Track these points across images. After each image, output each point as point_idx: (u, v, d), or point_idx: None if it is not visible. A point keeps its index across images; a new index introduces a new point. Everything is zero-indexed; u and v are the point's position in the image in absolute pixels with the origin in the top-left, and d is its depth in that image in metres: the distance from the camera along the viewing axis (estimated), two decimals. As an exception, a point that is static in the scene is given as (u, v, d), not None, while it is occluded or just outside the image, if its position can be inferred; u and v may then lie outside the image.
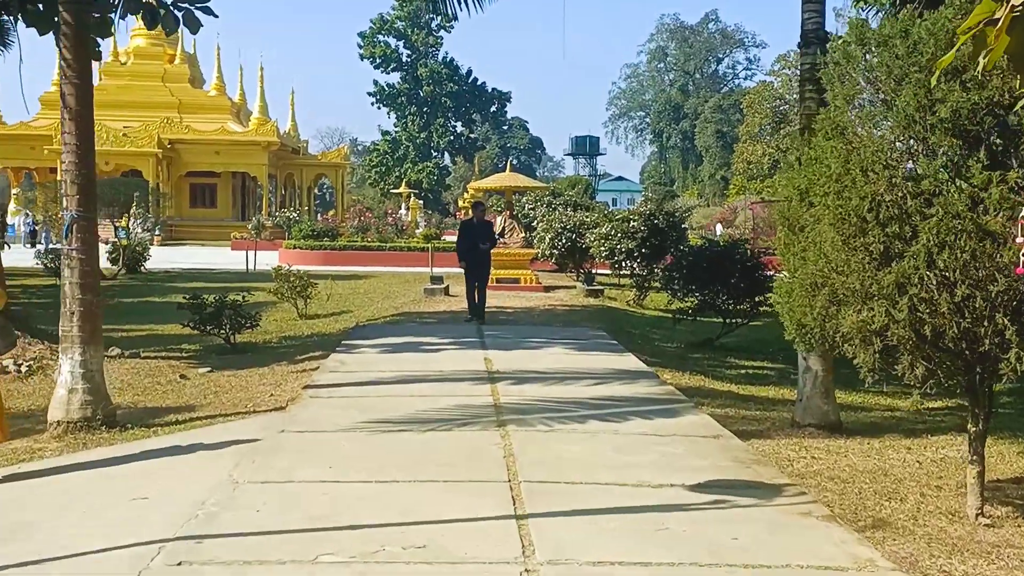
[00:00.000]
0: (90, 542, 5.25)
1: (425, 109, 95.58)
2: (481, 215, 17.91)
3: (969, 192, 5.52)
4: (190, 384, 11.50)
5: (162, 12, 11.34)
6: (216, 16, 11.71)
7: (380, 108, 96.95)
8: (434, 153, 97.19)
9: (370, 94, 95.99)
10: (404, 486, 6.25)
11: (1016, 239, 5.06)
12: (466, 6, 13.45)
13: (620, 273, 23.40)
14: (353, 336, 14.02)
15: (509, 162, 32.10)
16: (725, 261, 14.94)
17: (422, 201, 64.22)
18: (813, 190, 6.19)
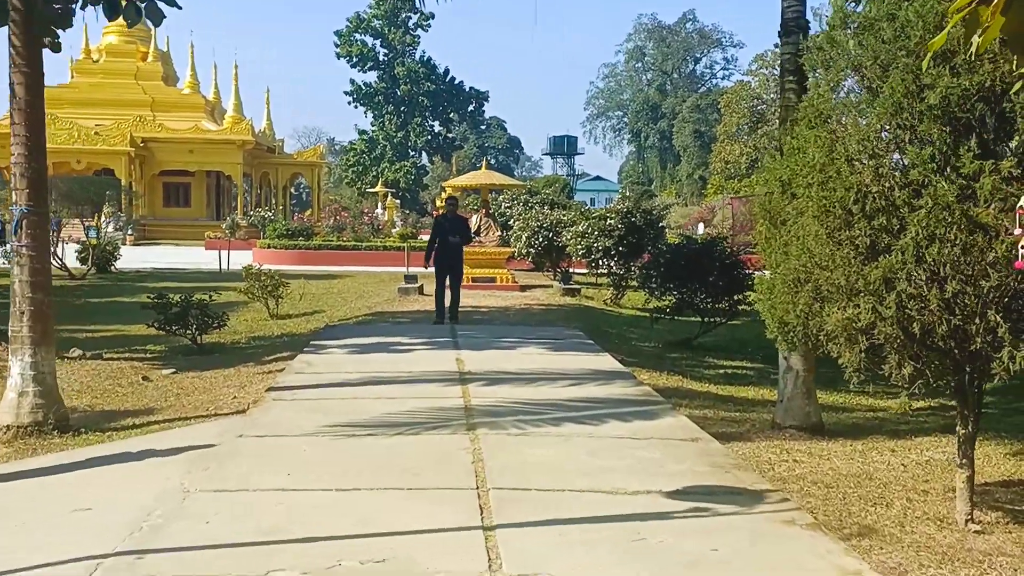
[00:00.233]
0: (22, 558, 4.87)
1: (402, 108, 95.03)
2: (454, 210, 17.37)
3: (959, 182, 5.24)
4: (152, 386, 11.15)
5: (123, 3, 10.98)
6: (179, 7, 11.37)
7: (357, 107, 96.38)
8: (411, 152, 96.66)
9: (347, 93, 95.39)
10: (366, 494, 5.89)
11: (1014, 231, 4.77)
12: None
13: (597, 272, 23.10)
14: (322, 336, 13.65)
15: (485, 160, 31.76)
16: (703, 259, 14.65)
17: (399, 201, 63.72)
18: (796, 181, 5.89)
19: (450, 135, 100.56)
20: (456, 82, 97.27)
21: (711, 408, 9.81)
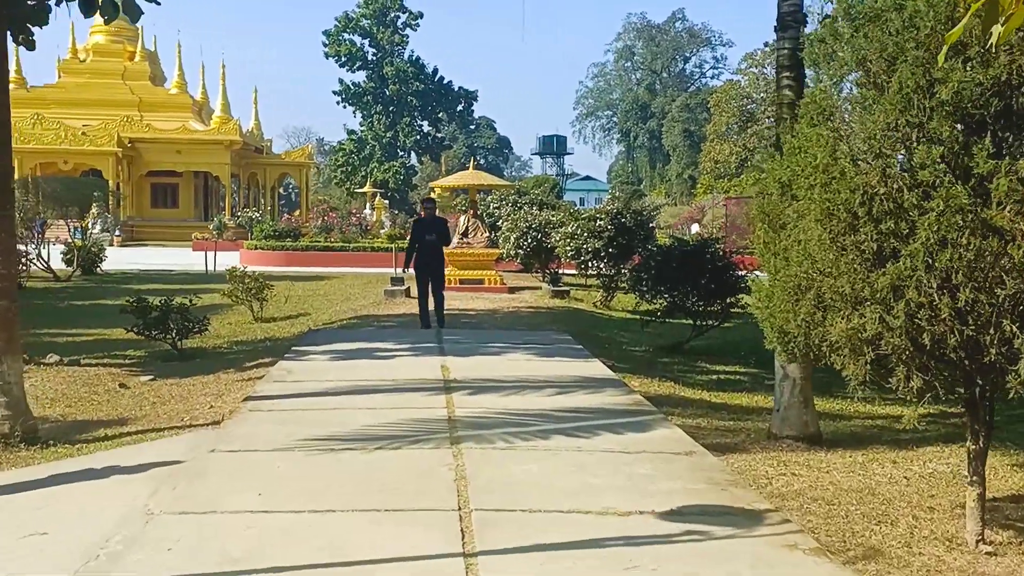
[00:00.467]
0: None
1: (391, 108, 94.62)
2: (432, 212, 16.63)
3: (972, 183, 4.92)
4: (129, 394, 10.79)
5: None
6: (158, 3, 11.02)
7: (346, 107, 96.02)
8: (400, 152, 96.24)
9: (335, 93, 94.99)
10: (341, 517, 5.51)
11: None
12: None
13: (587, 273, 22.76)
14: (304, 342, 13.28)
15: (473, 160, 31.43)
16: (695, 261, 14.32)
17: (388, 201, 63.29)
18: (797, 182, 5.55)
19: (439, 135, 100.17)
20: (445, 82, 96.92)
21: (704, 417, 9.49)
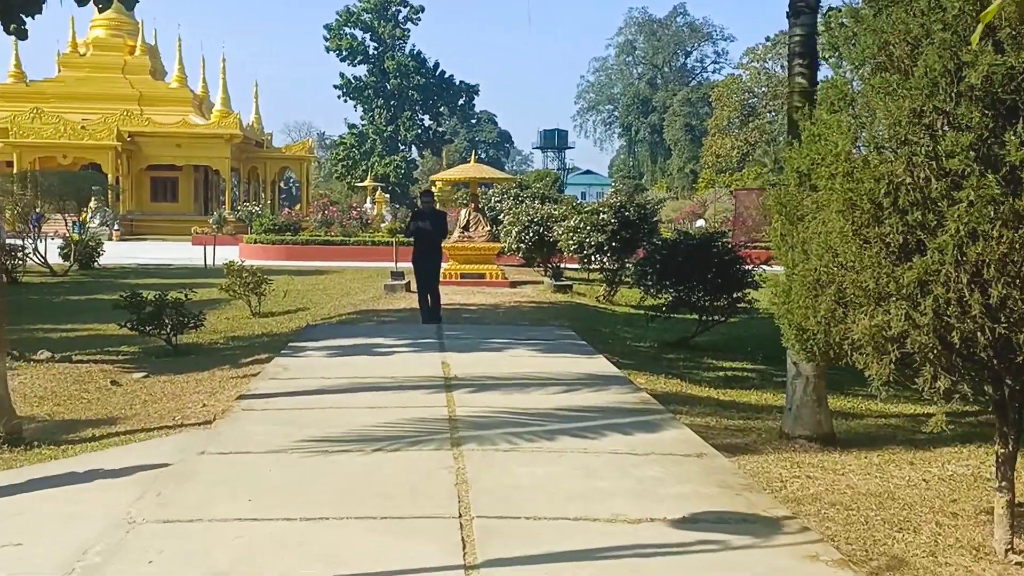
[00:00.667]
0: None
1: (392, 102, 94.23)
2: (431, 204, 16.17)
3: (1004, 173, 4.62)
4: (120, 392, 10.52)
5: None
6: (151, -10, 10.75)
7: (347, 101, 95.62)
8: (401, 146, 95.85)
9: (336, 87, 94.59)
10: (335, 526, 5.20)
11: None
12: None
13: (589, 268, 22.45)
14: (302, 337, 12.98)
15: (474, 153, 31.12)
16: (701, 255, 14.02)
17: (388, 195, 62.98)
18: (816, 172, 5.25)
19: (440, 129, 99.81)
20: (446, 76, 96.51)
21: (713, 416, 9.19)
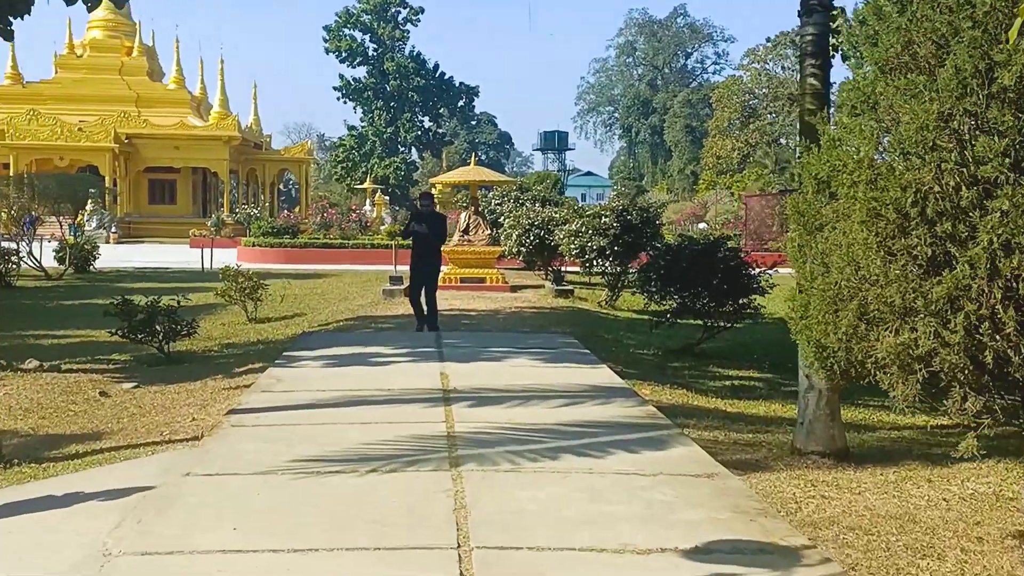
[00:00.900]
0: None
1: (392, 104, 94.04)
2: (430, 207, 15.48)
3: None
4: (109, 403, 10.23)
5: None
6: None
7: (346, 103, 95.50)
8: (401, 148, 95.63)
9: (336, 88, 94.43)
10: (324, 557, 4.86)
11: None
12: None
13: (591, 272, 22.16)
14: (297, 346, 12.66)
15: (474, 156, 30.84)
16: (707, 260, 13.71)
17: (388, 197, 62.71)
18: (837, 179, 4.94)
19: (440, 130, 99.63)
20: (446, 77, 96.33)
21: (721, 429, 8.88)
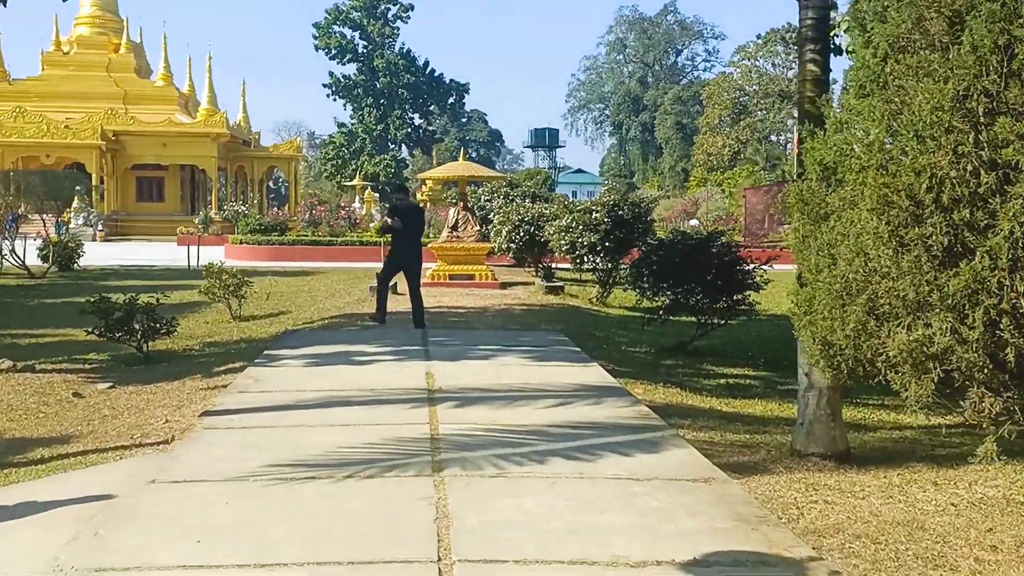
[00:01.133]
0: None
1: (382, 101, 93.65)
2: (404, 200, 15.28)
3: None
4: (82, 404, 9.83)
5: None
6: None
7: (336, 100, 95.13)
8: (391, 146, 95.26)
9: (325, 86, 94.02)
10: (293, 573, 4.49)
11: None
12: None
13: (582, 268, 21.79)
14: (279, 344, 12.28)
15: (463, 151, 30.47)
16: (700, 255, 13.36)
17: (378, 194, 62.31)
18: (844, 164, 4.60)
19: (430, 128, 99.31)
20: (436, 74, 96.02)
21: (717, 430, 8.55)
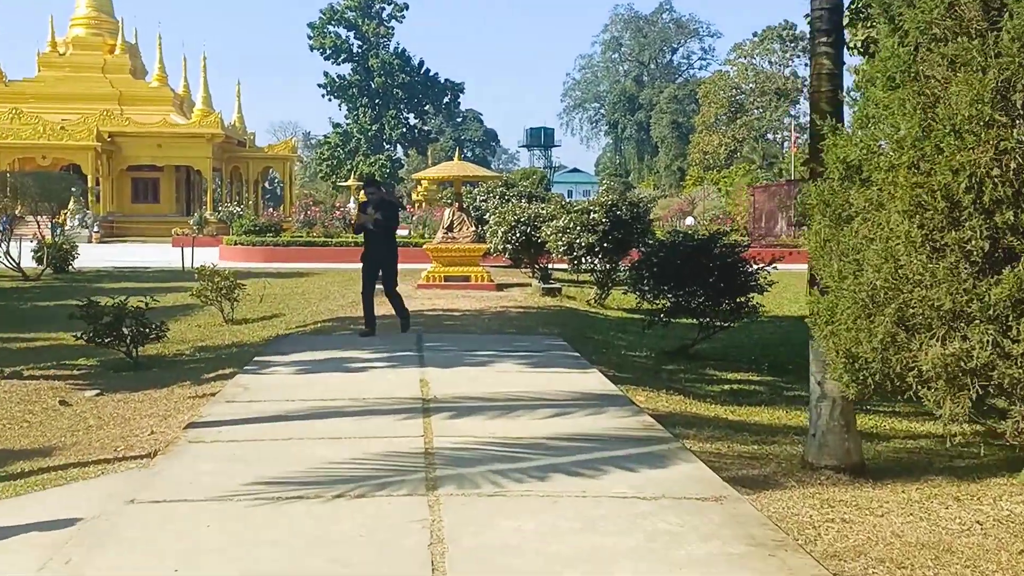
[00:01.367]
0: None
1: (377, 101, 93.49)
2: (374, 194, 14.01)
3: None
4: (68, 414, 9.50)
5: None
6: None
7: (331, 100, 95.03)
8: (386, 145, 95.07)
9: (320, 86, 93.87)
10: (276, 607, 4.20)
11: None
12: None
13: (579, 269, 21.44)
14: (270, 350, 11.92)
15: (458, 151, 30.13)
16: (703, 257, 13.01)
17: (373, 194, 62.01)
18: (871, 163, 4.25)
19: (425, 128, 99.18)
20: (431, 74, 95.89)
21: (724, 440, 8.20)
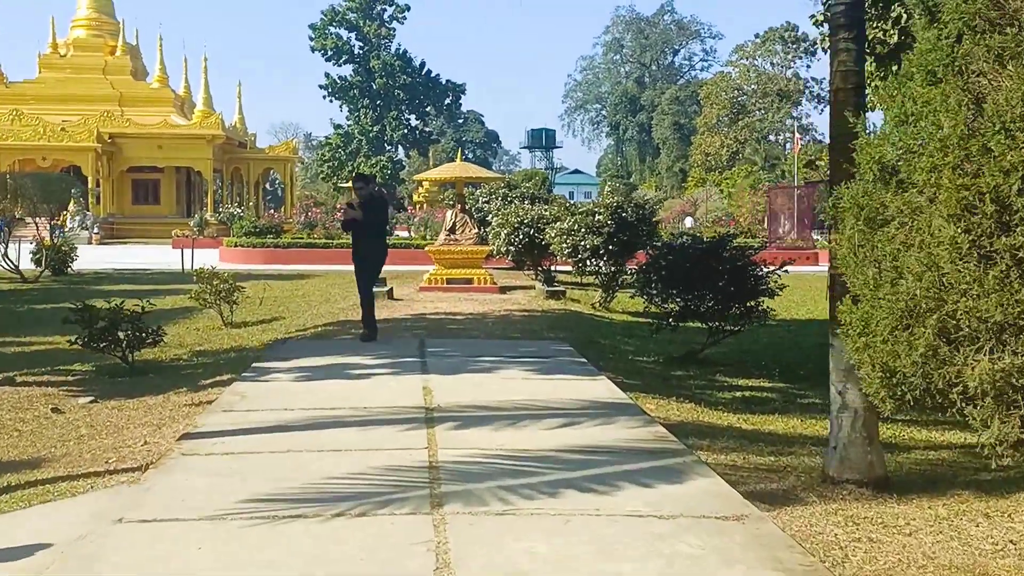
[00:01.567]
0: None
1: (378, 102, 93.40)
2: (363, 190, 13.45)
3: None
4: (61, 421, 9.21)
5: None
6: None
7: (332, 101, 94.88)
8: (387, 147, 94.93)
9: (321, 87, 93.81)
10: (271, 641, 3.91)
11: None
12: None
13: (584, 272, 21.15)
14: (269, 356, 11.62)
15: (460, 152, 29.86)
16: (712, 260, 12.71)
17: (374, 195, 61.86)
18: (912, 163, 3.95)
19: (427, 129, 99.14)
20: (432, 75, 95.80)
21: (739, 451, 7.89)
